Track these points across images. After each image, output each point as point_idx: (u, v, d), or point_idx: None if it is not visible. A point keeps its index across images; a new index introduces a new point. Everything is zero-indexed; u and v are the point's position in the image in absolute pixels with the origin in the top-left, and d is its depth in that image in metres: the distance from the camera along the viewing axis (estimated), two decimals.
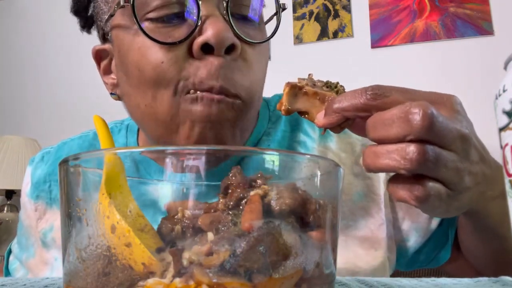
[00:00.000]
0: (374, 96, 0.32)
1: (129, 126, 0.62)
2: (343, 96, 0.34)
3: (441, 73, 1.59)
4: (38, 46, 2.19)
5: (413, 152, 0.30)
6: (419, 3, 1.68)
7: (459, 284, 0.35)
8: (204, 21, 0.44)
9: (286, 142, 0.58)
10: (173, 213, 0.24)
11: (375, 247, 0.54)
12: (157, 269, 0.22)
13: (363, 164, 0.33)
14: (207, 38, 0.43)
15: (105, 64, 0.55)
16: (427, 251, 0.58)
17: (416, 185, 0.31)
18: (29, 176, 0.64)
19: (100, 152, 0.25)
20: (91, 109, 1.89)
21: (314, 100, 0.36)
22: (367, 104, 0.32)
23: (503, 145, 0.27)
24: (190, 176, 0.23)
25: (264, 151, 0.24)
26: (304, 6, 1.83)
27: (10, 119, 2.17)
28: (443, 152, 0.31)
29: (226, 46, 0.44)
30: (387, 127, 0.31)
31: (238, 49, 0.45)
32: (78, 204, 0.24)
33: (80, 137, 0.65)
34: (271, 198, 0.23)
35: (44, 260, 0.61)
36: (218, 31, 0.43)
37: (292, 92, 0.36)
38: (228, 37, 0.44)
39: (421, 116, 0.29)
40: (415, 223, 0.56)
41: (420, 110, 0.29)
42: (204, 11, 0.44)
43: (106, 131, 0.41)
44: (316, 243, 0.23)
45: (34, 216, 0.62)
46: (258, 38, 0.48)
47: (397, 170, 0.31)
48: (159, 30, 0.45)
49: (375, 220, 0.55)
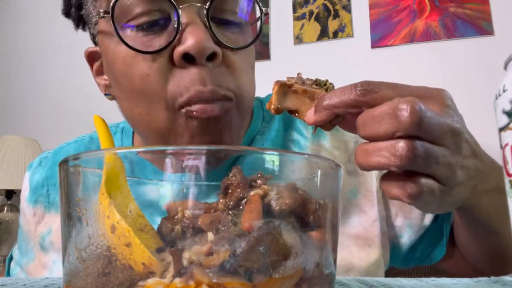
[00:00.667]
0: (364, 92, 0.32)
1: (124, 129, 0.63)
2: (333, 93, 0.33)
3: (441, 73, 1.59)
4: (38, 46, 2.19)
5: (403, 148, 0.29)
6: (419, 3, 1.68)
7: (459, 284, 0.35)
8: (184, 28, 0.44)
9: (280, 141, 0.58)
10: (173, 213, 0.24)
11: (368, 243, 0.54)
12: (157, 269, 0.22)
13: (355, 162, 0.33)
14: (186, 48, 0.43)
15: (98, 65, 0.55)
16: (421, 248, 0.58)
17: (408, 182, 0.31)
18: (28, 181, 0.65)
19: (100, 152, 0.25)
20: (90, 109, 1.89)
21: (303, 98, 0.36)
22: (357, 100, 0.32)
23: (503, 145, 0.27)
24: (190, 176, 0.23)
25: (264, 151, 0.24)
26: (304, 6, 1.83)
27: (10, 119, 2.17)
28: (433, 148, 0.31)
29: (207, 55, 0.44)
30: (376, 124, 0.31)
31: (219, 57, 0.45)
32: (78, 204, 0.24)
33: (76, 141, 0.66)
34: (271, 198, 0.23)
35: (43, 264, 0.61)
36: (198, 40, 0.43)
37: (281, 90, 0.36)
38: (208, 46, 0.43)
39: (409, 112, 0.29)
40: (408, 219, 0.57)
41: (408, 106, 0.29)
42: (184, 18, 0.44)
43: (106, 131, 0.41)
44: (316, 243, 0.23)
45: (33, 220, 0.62)
46: (240, 41, 0.48)
47: (388, 168, 0.31)
48: (140, 38, 0.45)
49: (368, 217, 0.55)
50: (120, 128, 0.63)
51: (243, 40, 0.49)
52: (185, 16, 0.44)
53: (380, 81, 0.33)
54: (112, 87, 0.52)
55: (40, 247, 0.62)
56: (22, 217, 0.65)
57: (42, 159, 0.66)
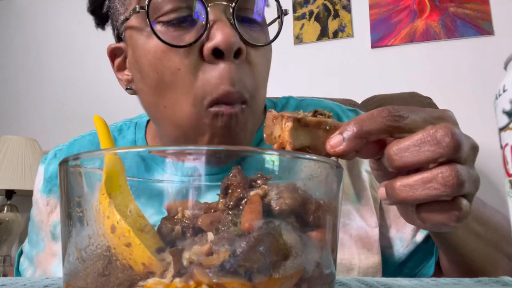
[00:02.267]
0: (394, 117, 0.32)
1: (137, 124, 0.65)
2: (361, 120, 0.32)
3: (441, 73, 1.59)
4: (38, 46, 2.19)
5: (452, 177, 0.29)
6: (419, 3, 1.68)
7: (459, 284, 0.35)
8: (212, 25, 0.47)
9: None
10: (173, 213, 0.24)
11: (367, 247, 0.55)
12: (157, 269, 0.22)
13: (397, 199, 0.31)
14: (216, 43, 0.45)
15: (119, 61, 0.57)
16: (411, 265, 0.59)
17: (454, 206, 0.31)
18: (42, 173, 0.66)
19: (100, 152, 0.25)
20: (91, 109, 1.89)
21: (316, 131, 0.32)
22: (390, 125, 0.32)
23: (503, 145, 0.27)
24: (190, 176, 0.23)
25: (264, 151, 0.24)
26: (304, 6, 1.83)
27: (10, 119, 2.17)
28: (469, 169, 0.31)
29: (234, 50, 0.46)
30: (415, 152, 0.30)
31: (244, 53, 0.47)
32: (78, 204, 0.24)
33: (90, 133, 0.68)
34: (271, 198, 0.23)
35: (53, 252, 0.63)
36: (226, 36, 0.45)
37: (295, 126, 0.31)
38: (235, 42, 0.46)
39: (451, 138, 0.30)
40: (400, 233, 0.58)
41: (448, 131, 0.30)
42: (212, 15, 0.47)
43: (106, 131, 0.41)
44: (316, 243, 0.23)
45: (45, 210, 0.64)
46: (261, 40, 0.51)
47: (439, 198, 0.30)
48: (170, 33, 0.47)
49: (369, 223, 0.57)
50: (134, 123, 0.66)
51: (264, 38, 0.52)
52: (213, 13, 0.47)
53: (402, 106, 0.33)
54: (135, 82, 0.54)
55: (51, 236, 0.63)
56: (34, 208, 0.66)
57: (57, 151, 0.68)
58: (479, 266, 0.50)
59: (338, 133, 0.32)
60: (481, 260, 0.49)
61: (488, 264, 0.50)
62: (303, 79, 1.75)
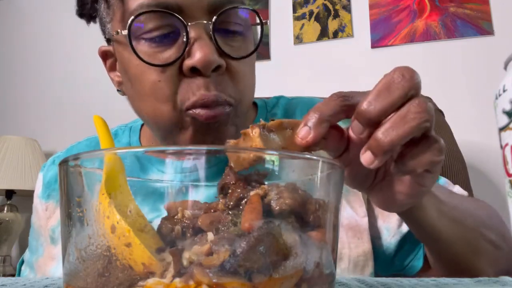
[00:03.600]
0: (343, 98, 0.33)
1: (132, 128, 0.68)
2: (317, 108, 0.33)
3: (441, 73, 1.59)
4: (38, 46, 2.19)
5: (424, 103, 0.31)
6: (419, 3, 1.68)
7: (459, 284, 0.35)
8: (192, 43, 0.49)
9: None
10: (173, 213, 0.24)
11: (357, 236, 0.57)
12: (157, 269, 0.22)
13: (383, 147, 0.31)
14: (193, 63, 0.48)
15: (111, 62, 0.60)
16: (400, 257, 0.60)
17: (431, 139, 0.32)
18: (41, 179, 0.68)
19: (100, 152, 0.25)
20: (91, 109, 1.89)
21: (284, 132, 0.33)
22: (344, 104, 0.33)
23: (503, 145, 0.27)
24: (189, 176, 0.23)
25: (264, 151, 0.24)
26: (304, 6, 1.83)
27: (10, 119, 2.17)
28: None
29: (212, 68, 0.48)
30: (386, 94, 0.31)
31: (223, 68, 0.50)
32: (78, 204, 0.24)
33: (87, 139, 0.71)
34: (271, 198, 0.23)
35: (52, 256, 0.64)
36: (204, 56, 0.47)
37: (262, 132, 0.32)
38: (213, 61, 0.48)
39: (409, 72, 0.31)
40: (386, 223, 0.60)
41: (403, 69, 0.32)
42: (192, 33, 0.49)
43: (106, 131, 0.41)
44: (316, 243, 0.23)
45: (44, 215, 0.65)
46: (243, 49, 0.53)
47: (420, 127, 0.31)
48: (152, 49, 0.50)
49: (358, 213, 0.59)
50: (129, 127, 0.69)
51: (246, 47, 0.53)
52: (193, 31, 0.49)
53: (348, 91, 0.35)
54: (124, 86, 0.57)
55: (50, 240, 0.64)
56: (34, 214, 0.68)
57: (55, 158, 0.70)
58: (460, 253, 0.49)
59: (302, 125, 0.33)
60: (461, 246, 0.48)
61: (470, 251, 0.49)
62: (303, 79, 1.75)
